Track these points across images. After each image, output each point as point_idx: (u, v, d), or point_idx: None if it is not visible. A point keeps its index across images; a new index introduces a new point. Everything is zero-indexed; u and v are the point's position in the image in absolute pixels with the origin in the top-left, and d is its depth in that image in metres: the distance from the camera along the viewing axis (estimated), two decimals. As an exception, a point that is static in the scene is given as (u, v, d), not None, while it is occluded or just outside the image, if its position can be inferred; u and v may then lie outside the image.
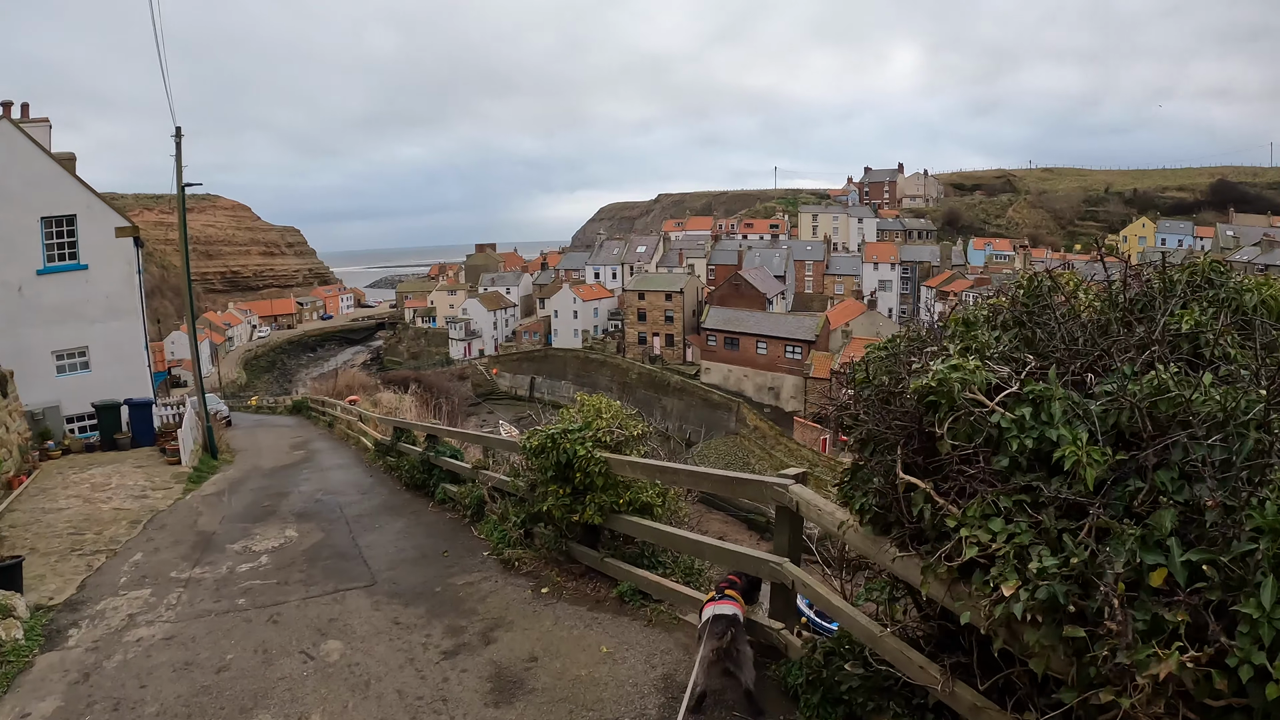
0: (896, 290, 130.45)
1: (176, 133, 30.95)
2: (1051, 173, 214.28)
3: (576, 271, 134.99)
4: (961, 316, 6.25)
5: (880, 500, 5.43)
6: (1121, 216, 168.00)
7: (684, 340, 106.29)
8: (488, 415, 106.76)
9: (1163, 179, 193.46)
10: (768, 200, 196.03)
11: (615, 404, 10.70)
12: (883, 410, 5.55)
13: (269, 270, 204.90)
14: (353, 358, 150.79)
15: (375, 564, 12.34)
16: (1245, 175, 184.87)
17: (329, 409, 40.17)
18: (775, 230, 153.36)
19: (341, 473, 23.48)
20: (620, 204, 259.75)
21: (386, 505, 17.36)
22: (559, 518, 10.09)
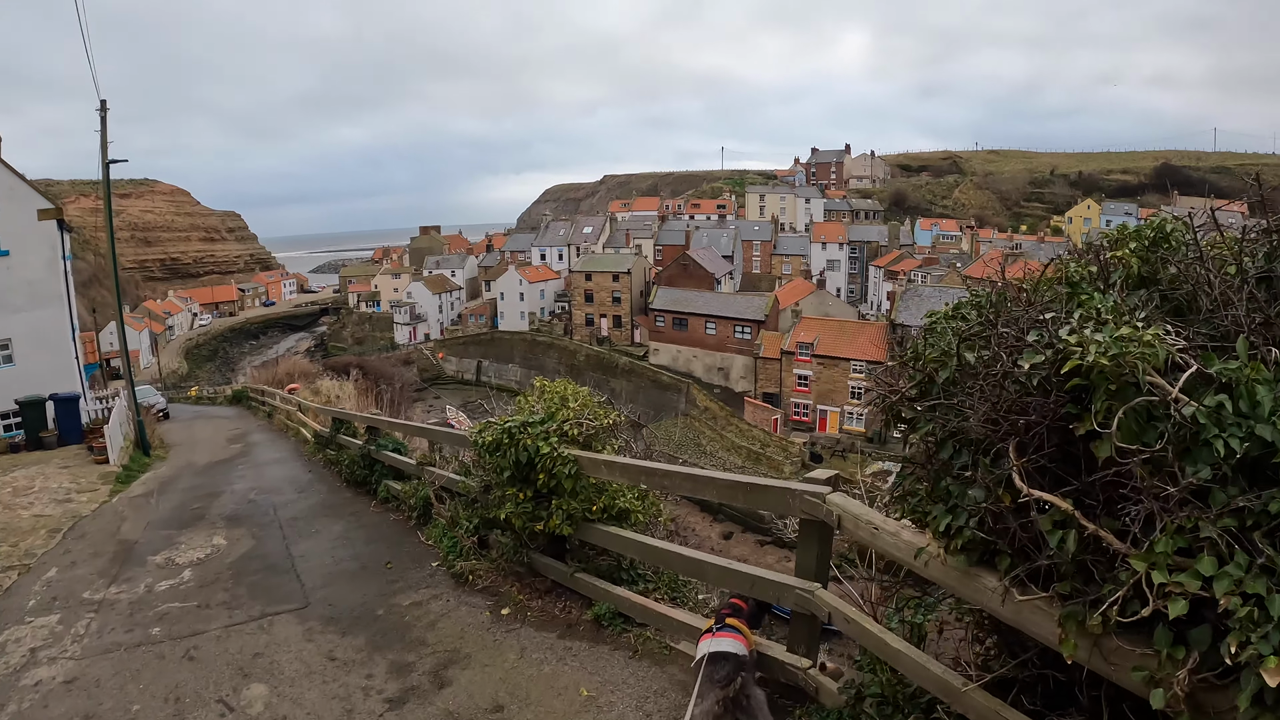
0: (845, 270, 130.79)
1: (101, 106, 28.77)
2: (997, 155, 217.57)
3: (522, 253, 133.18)
4: (1056, 275, 4.81)
5: (981, 521, 3.96)
6: (1066, 198, 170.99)
7: (632, 321, 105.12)
8: (434, 401, 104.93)
9: (1107, 162, 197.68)
10: (714, 181, 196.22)
11: (583, 390, 9.20)
12: (976, 398, 4.08)
13: (210, 256, 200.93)
14: (296, 344, 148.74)
15: (309, 579, 10.72)
16: (1189, 159, 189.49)
17: (268, 399, 38.35)
18: (723, 211, 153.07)
19: (279, 468, 21.78)
20: (566, 185, 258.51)
21: (325, 505, 15.72)
22: (519, 527, 8.53)
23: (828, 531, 5.64)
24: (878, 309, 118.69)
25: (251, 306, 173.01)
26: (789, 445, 76.67)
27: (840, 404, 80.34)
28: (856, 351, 79.18)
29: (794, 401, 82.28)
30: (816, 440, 79.16)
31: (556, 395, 8.83)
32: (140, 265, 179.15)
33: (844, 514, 5.24)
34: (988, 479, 3.91)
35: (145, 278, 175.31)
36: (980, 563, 4.07)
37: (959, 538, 4.07)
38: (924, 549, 4.37)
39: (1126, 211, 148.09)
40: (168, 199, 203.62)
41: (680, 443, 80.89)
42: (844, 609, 5.39)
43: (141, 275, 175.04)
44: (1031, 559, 3.73)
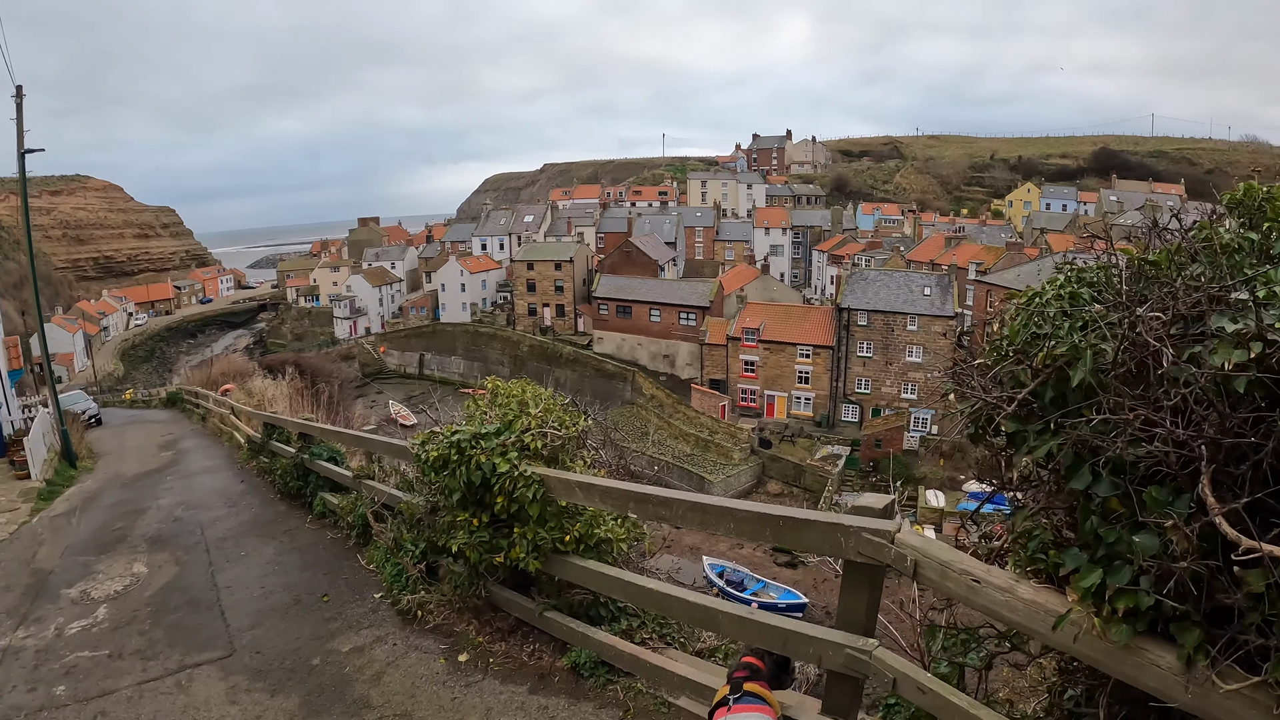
0: (788, 255, 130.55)
1: (17, 92, 26.86)
2: (938, 140, 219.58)
3: (463, 243, 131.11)
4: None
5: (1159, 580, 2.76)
6: (1007, 182, 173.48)
7: (575, 310, 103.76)
8: (376, 396, 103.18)
9: (1046, 146, 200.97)
10: (655, 168, 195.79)
11: (544, 392, 7.80)
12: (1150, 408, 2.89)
13: (144, 254, 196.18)
14: (235, 342, 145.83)
15: (236, 617, 9.25)
16: (1127, 144, 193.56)
17: (202, 401, 36.38)
18: (664, 197, 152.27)
19: (209, 478, 20.08)
20: (506, 175, 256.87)
21: (256, 522, 14.18)
22: (474, 560, 7.19)
23: (880, 575, 4.42)
24: (822, 293, 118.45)
25: (188, 304, 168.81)
26: (737, 432, 75.89)
27: (788, 389, 79.69)
28: (802, 336, 78.57)
29: (741, 387, 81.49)
30: (764, 426, 78.50)
31: (513, 399, 7.43)
32: (73, 265, 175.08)
33: (924, 559, 3.99)
34: (1165, 521, 2.72)
35: (79, 277, 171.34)
36: (1148, 632, 2.87)
37: (1122, 600, 2.85)
38: (1066, 616, 3.12)
39: (1066, 195, 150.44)
40: (100, 195, 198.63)
41: (627, 431, 79.77)
42: (916, 675, 4.14)
43: (75, 275, 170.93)
44: (1235, 635, 2.58)
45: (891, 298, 76.17)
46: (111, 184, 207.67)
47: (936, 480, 68.10)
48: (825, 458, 72.68)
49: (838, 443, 74.96)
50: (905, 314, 74.71)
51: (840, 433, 77.08)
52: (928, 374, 74.84)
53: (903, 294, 76.27)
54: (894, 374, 75.96)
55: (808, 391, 79.21)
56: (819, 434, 77.21)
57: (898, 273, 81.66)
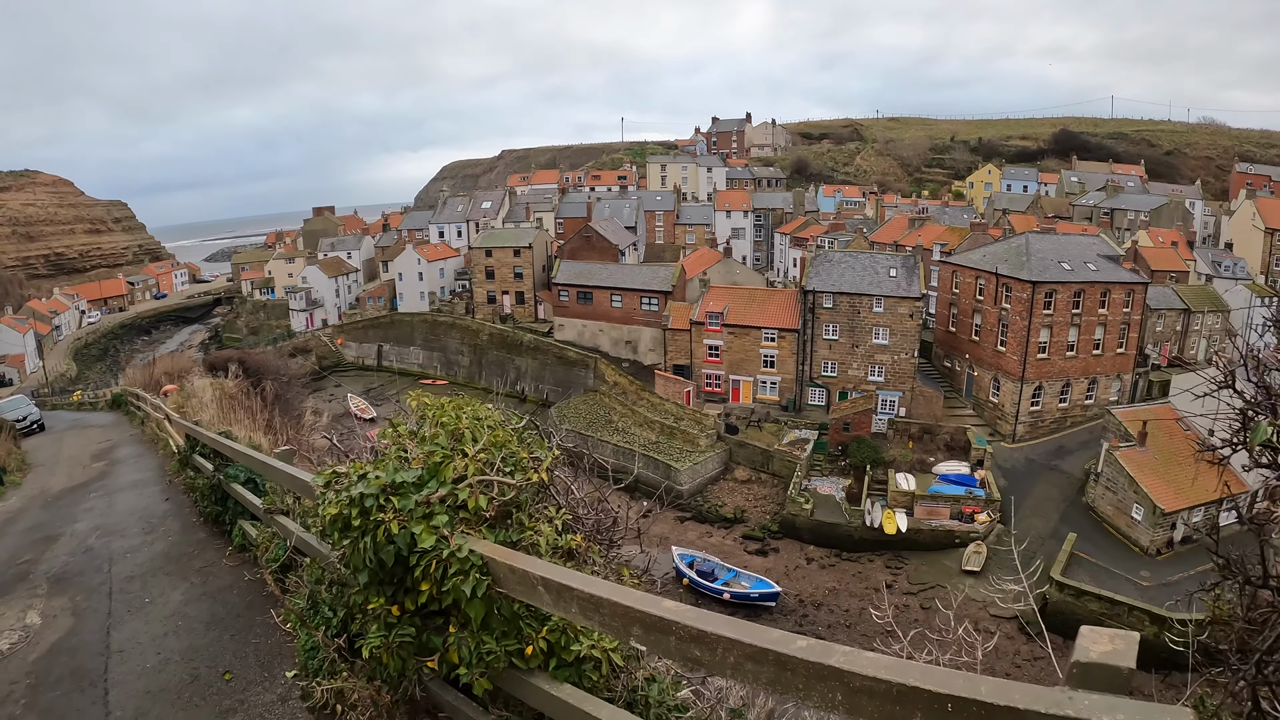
0: (750, 237, 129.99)
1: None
2: (898, 122, 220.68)
3: (420, 231, 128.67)
4: None
5: None
6: (967, 163, 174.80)
7: (535, 297, 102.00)
8: (335, 389, 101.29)
9: (1006, 128, 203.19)
10: (614, 153, 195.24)
11: (490, 415, 5.69)
12: None
13: (96, 249, 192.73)
14: (190, 338, 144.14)
15: (120, 700, 7.59)
16: (1086, 125, 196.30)
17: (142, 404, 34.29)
18: (624, 181, 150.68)
19: (134, 495, 18.23)
20: (463, 162, 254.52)
21: (170, 555, 12.46)
22: (395, 668, 5.12)
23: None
24: (784, 276, 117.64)
25: (142, 300, 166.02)
26: (703, 418, 74.56)
27: (753, 373, 78.44)
28: (767, 319, 77.29)
29: (706, 373, 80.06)
30: (730, 411, 77.21)
31: (441, 424, 5.35)
32: (23, 263, 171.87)
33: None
34: None
35: (29, 275, 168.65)
36: None
37: None
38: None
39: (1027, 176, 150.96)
40: (50, 190, 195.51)
41: (590, 420, 78.29)
42: None
43: (25, 273, 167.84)
44: None
45: (857, 279, 74.98)
46: (62, 179, 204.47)
47: (906, 463, 67.19)
48: (793, 442, 71.52)
49: (805, 427, 73.79)
50: (871, 295, 73.53)
51: (807, 416, 75.92)
52: (894, 356, 73.83)
53: (868, 275, 75.11)
54: (860, 356, 74.84)
55: (773, 375, 77.96)
56: (786, 418, 76.03)
57: (863, 254, 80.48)
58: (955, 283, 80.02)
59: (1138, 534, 56.95)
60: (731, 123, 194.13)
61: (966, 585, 54.93)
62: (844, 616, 52.10)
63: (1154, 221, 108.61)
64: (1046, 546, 57.44)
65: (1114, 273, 73.44)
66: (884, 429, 72.23)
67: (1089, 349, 72.87)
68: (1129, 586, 52.07)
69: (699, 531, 64.37)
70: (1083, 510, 61.70)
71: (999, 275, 72.49)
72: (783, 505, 64.01)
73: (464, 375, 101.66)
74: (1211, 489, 58.97)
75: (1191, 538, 57.74)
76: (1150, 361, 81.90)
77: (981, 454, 66.40)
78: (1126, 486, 57.91)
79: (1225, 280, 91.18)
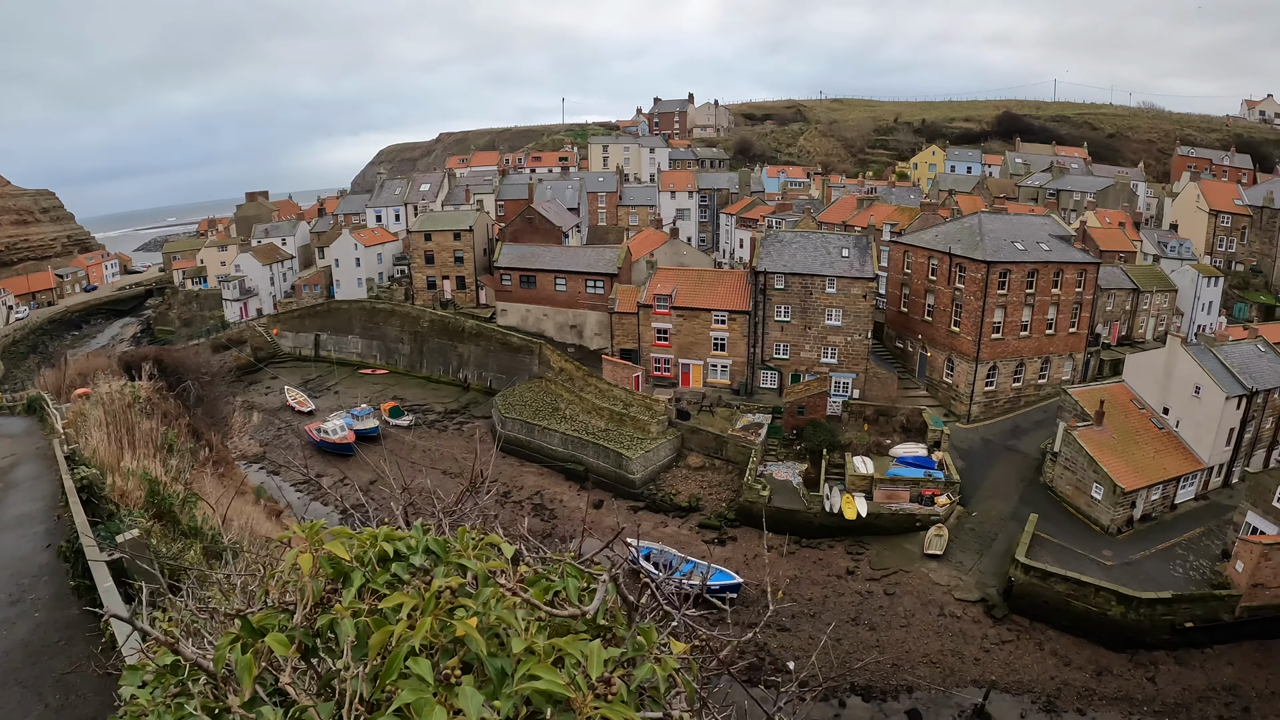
0: (695, 218, 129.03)
1: None
2: (841, 103, 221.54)
3: (357, 216, 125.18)
4: None
5: None
6: (911, 145, 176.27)
7: (477, 281, 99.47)
8: (271, 381, 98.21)
9: (950, 110, 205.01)
10: (555, 134, 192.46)
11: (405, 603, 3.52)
12: None
13: (23, 241, 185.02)
14: (122, 331, 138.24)
15: None
16: (1029, 109, 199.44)
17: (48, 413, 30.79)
18: (565, 163, 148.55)
19: (12, 538, 14.53)
20: (401, 145, 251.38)
21: (30, 647, 9.52)
22: None
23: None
24: (731, 257, 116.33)
25: (72, 293, 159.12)
26: (653, 404, 72.76)
27: (703, 357, 76.87)
28: (717, 301, 75.75)
29: (654, 357, 78.26)
30: (681, 396, 75.55)
31: None
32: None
33: None
34: None
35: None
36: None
37: None
38: None
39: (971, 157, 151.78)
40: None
41: (536, 409, 76.19)
42: None
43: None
44: None
45: (809, 260, 73.57)
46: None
47: (863, 446, 66.05)
48: (746, 427, 69.97)
49: (758, 411, 72.32)
50: (823, 276, 72.15)
51: (760, 400, 74.45)
52: (848, 337, 72.61)
53: (820, 256, 73.73)
54: (813, 338, 73.49)
55: (724, 359, 76.38)
56: (738, 402, 74.51)
57: (814, 234, 79.02)
58: (907, 263, 79.02)
59: (1098, 513, 56.32)
60: (674, 104, 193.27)
61: (930, 569, 54.01)
62: (807, 606, 50.66)
63: (1100, 203, 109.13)
64: (1008, 528, 56.78)
65: (1066, 253, 72.97)
66: (839, 412, 71.09)
67: (1042, 329, 72.38)
68: (1093, 566, 51.42)
69: (653, 521, 62.59)
70: (1041, 490, 61.05)
71: (953, 255, 71.60)
72: (739, 492, 62.50)
73: (404, 364, 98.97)
74: (1169, 467, 58.60)
75: (1151, 515, 57.30)
76: (1101, 340, 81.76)
77: (938, 435, 65.47)
78: (1086, 466, 57.20)
79: (1171, 260, 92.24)
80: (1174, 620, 47.57)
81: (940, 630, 48.86)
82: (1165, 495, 58.35)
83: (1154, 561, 52.78)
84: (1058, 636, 48.27)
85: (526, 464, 72.26)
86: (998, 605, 50.71)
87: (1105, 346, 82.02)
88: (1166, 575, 51.25)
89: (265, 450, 71.77)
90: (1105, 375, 75.91)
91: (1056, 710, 43.23)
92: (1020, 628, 49.24)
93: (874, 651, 46.93)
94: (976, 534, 57.34)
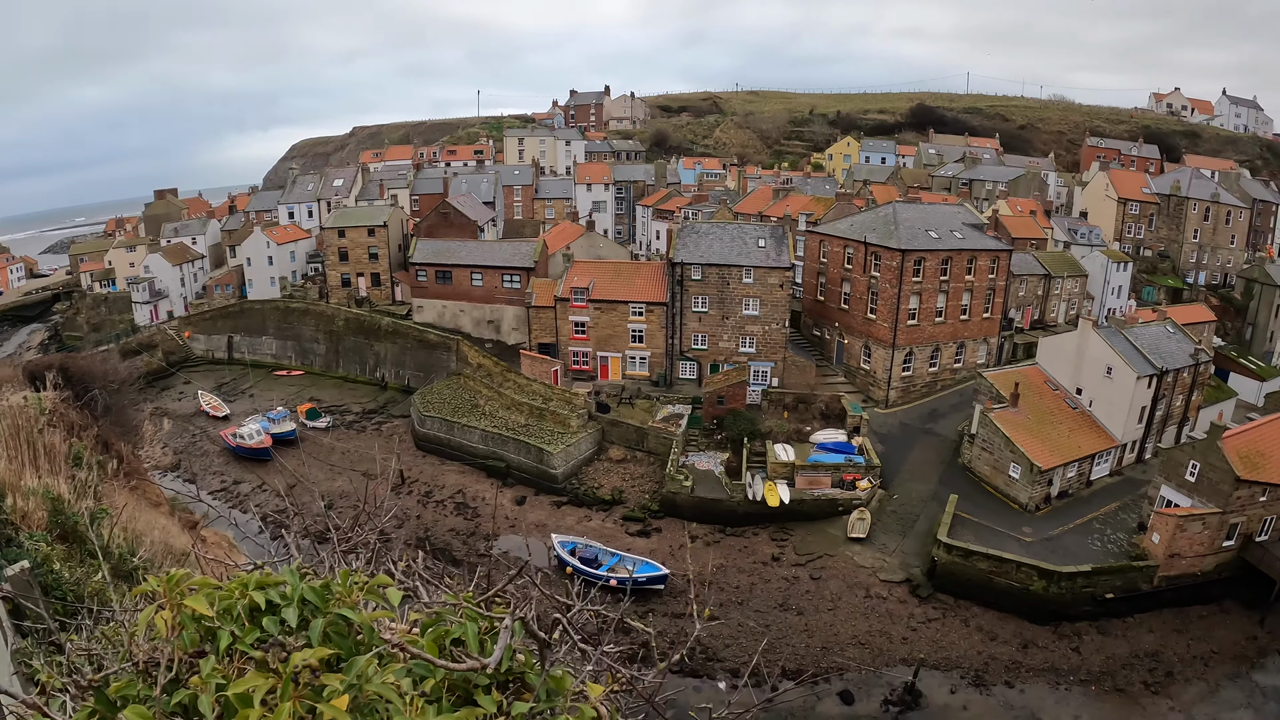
0: (611, 211, 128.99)
1: None
2: (757, 95, 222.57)
3: (269, 213, 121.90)
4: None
5: None
6: (826, 136, 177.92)
7: (392, 278, 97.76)
8: (184, 386, 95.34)
9: (864, 102, 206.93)
10: (470, 127, 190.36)
11: None
12: None
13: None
14: (29, 339, 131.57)
15: None
16: (942, 100, 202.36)
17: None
18: (480, 156, 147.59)
19: None
20: (314, 140, 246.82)
21: None
22: None
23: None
24: (648, 249, 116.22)
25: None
26: (572, 398, 72.07)
27: (622, 349, 76.46)
28: (634, 293, 75.40)
29: (573, 350, 77.63)
30: (600, 389, 75.04)
31: None
32: None
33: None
34: None
35: None
36: None
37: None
38: None
39: (885, 148, 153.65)
40: None
41: (455, 406, 75.13)
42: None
43: None
44: None
45: (725, 250, 73.59)
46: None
47: (783, 433, 66.34)
48: (667, 418, 69.77)
49: (678, 402, 72.15)
50: (740, 266, 72.24)
51: (680, 391, 74.30)
52: (765, 326, 72.81)
53: (737, 246, 73.80)
54: (731, 328, 73.55)
55: (643, 350, 76.07)
56: (658, 394, 74.26)
57: (730, 225, 79.12)
58: (823, 252, 79.57)
59: (1016, 491, 57.24)
60: (590, 96, 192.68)
61: (854, 552, 54.30)
62: (734, 594, 50.64)
63: (1012, 191, 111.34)
64: (929, 509, 57.40)
65: (979, 240, 74.08)
66: (758, 400, 71.29)
67: (957, 314, 73.41)
68: (1013, 543, 52.27)
69: (577, 516, 62.07)
70: (960, 471, 61.91)
71: (868, 244, 72.20)
72: (661, 484, 62.27)
73: (320, 364, 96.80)
74: (1084, 445, 59.69)
75: (1068, 492, 58.36)
76: (1014, 325, 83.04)
77: (857, 421, 65.89)
78: (1003, 446, 58.05)
79: (1082, 246, 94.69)
80: (1095, 592, 48.77)
81: (867, 612, 49.26)
82: (1081, 472, 59.63)
83: (1073, 536, 53.94)
84: (982, 612, 49.11)
85: (447, 462, 71.20)
86: (922, 585, 51.30)
87: (1019, 331, 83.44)
88: (1085, 549, 52.48)
89: (180, 459, 69.88)
90: (1019, 358, 77.17)
91: (985, 684, 43.90)
92: (945, 606, 49.93)
93: (803, 636, 47.15)
94: (898, 516, 58.01)
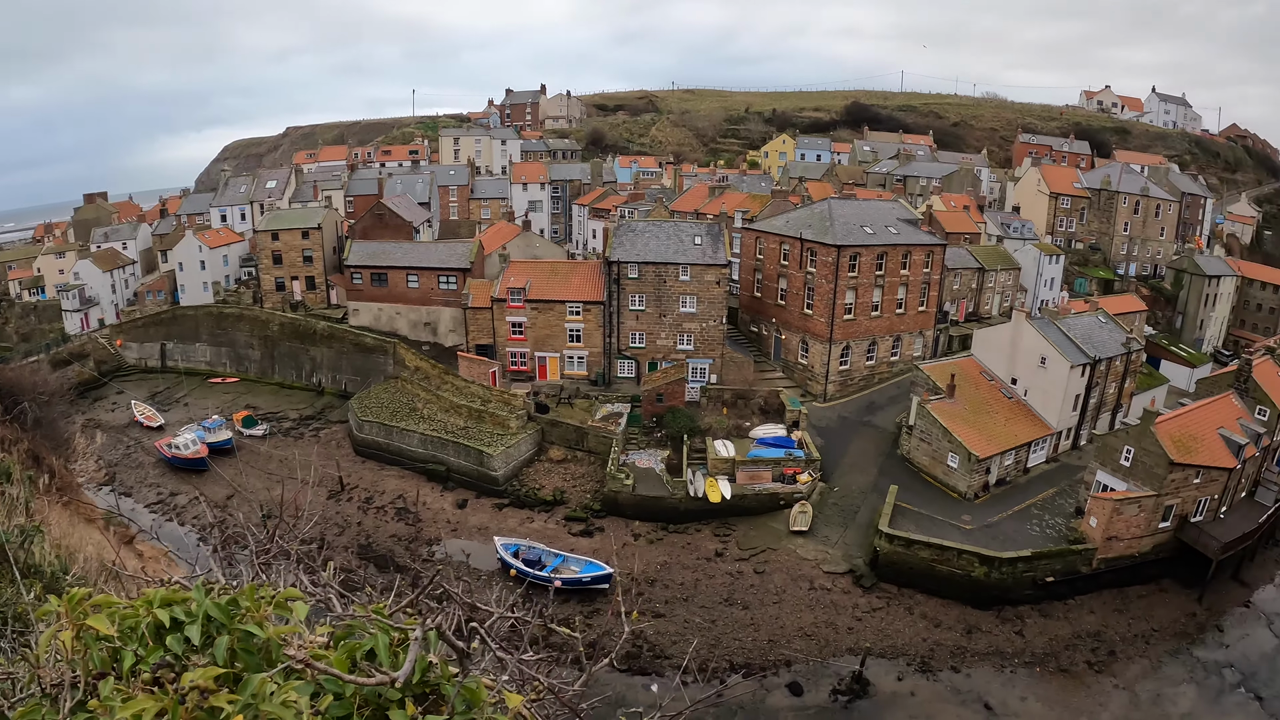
0: (548, 210, 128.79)
1: None
2: (693, 94, 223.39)
3: (201, 216, 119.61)
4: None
5: None
6: (762, 134, 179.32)
7: (327, 281, 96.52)
8: (117, 396, 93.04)
9: (800, 100, 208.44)
10: (405, 127, 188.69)
11: None
12: None
13: None
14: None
15: None
16: (877, 99, 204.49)
17: None
18: (415, 156, 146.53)
19: None
20: (247, 141, 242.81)
21: None
22: None
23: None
24: (584, 247, 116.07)
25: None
26: (511, 399, 71.59)
27: (560, 349, 76.19)
28: (571, 293, 75.18)
29: (510, 351, 77.18)
30: (539, 389, 74.73)
31: None
32: None
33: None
34: None
35: None
36: None
37: None
38: None
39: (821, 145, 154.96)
40: None
41: (394, 410, 74.33)
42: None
43: None
44: None
45: (662, 248, 73.63)
46: None
47: (723, 430, 66.51)
48: (606, 417, 69.65)
49: (617, 400, 72.07)
50: (677, 264, 72.31)
51: (618, 390, 74.22)
52: (703, 324, 72.94)
53: (673, 244, 73.88)
54: (668, 325, 73.58)
55: (580, 350, 75.86)
56: (597, 393, 74.11)
57: (667, 223, 79.22)
58: (759, 249, 79.88)
59: (955, 480, 57.95)
60: (525, 95, 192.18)
61: (797, 545, 54.57)
62: (680, 590, 50.66)
63: (945, 187, 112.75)
64: (869, 500, 57.87)
65: (914, 235, 74.93)
66: (697, 397, 71.38)
67: (893, 308, 74.15)
68: (954, 531, 52.95)
69: (519, 518, 61.66)
70: (899, 462, 62.51)
71: (804, 240, 72.59)
72: (603, 483, 62.07)
73: (256, 370, 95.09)
74: (1020, 434, 60.55)
75: (1006, 480, 59.14)
76: (949, 318, 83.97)
77: (796, 415, 66.22)
78: (940, 437, 58.68)
79: (1014, 240, 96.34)
80: (1035, 576, 49.61)
81: (812, 604, 49.53)
82: (1018, 460, 60.54)
83: (1012, 522, 54.80)
84: (926, 600, 49.74)
85: (387, 467, 70.35)
86: (865, 575, 51.72)
87: (954, 323, 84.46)
88: (1024, 534, 53.36)
89: (114, 471, 68.34)
90: (955, 350, 78.18)
91: (932, 670, 44.40)
92: (889, 595, 50.44)
93: (749, 630, 47.28)
94: (840, 508, 58.39)
